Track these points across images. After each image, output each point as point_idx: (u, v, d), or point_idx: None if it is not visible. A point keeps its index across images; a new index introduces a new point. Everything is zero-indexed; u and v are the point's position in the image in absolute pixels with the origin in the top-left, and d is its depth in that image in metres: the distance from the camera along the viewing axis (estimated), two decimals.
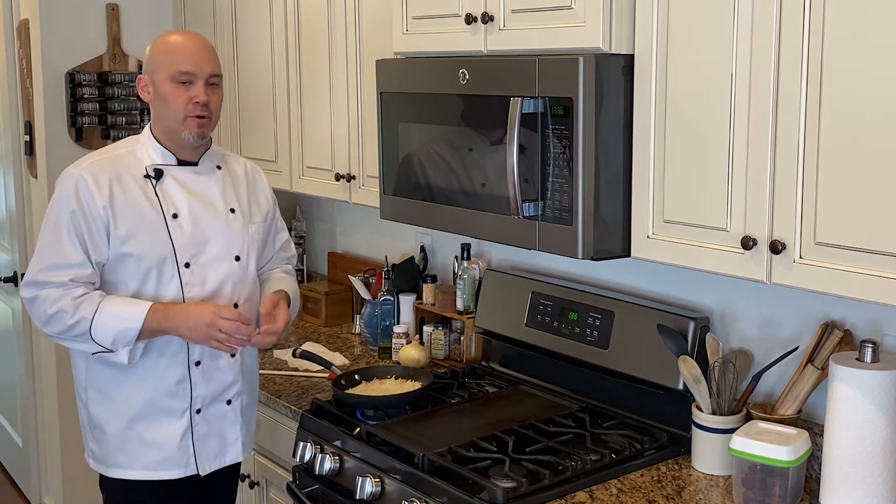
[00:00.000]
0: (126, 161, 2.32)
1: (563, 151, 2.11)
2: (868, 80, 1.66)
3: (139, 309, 2.22)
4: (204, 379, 2.36)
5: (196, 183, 2.36)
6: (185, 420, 2.36)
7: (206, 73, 2.29)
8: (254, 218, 2.46)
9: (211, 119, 2.32)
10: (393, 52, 2.65)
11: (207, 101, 2.29)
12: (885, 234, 1.66)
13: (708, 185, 1.95)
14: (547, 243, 2.19)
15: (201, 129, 2.31)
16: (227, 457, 2.45)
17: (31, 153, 3.98)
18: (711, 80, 1.91)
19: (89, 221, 2.23)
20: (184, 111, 2.28)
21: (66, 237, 2.24)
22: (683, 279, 2.45)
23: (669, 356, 2.30)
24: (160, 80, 2.29)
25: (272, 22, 3.27)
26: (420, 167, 2.55)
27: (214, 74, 2.31)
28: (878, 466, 1.88)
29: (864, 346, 1.92)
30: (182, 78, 2.27)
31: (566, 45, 2.13)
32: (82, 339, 2.25)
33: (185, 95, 2.27)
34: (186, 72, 2.27)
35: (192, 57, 2.28)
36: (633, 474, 2.21)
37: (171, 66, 2.27)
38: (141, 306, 2.23)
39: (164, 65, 2.28)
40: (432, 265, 3.26)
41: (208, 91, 2.29)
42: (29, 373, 4.28)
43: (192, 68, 2.27)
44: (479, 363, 2.95)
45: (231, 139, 3.59)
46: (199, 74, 2.28)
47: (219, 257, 2.34)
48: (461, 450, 2.24)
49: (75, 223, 2.23)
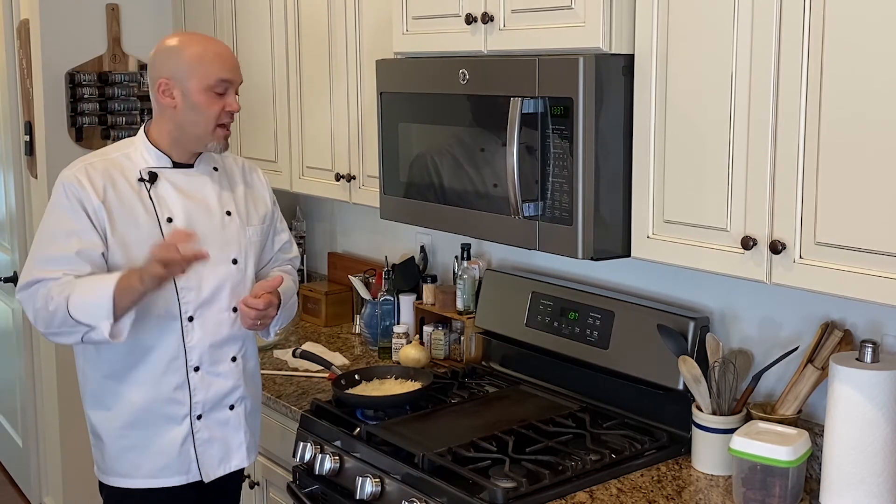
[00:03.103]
0: (120, 164, 2.29)
1: (563, 151, 2.11)
2: (868, 80, 1.66)
3: (111, 276, 2.16)
4: (203, 384, 2.34)
5: (191, 185, 2.34)
6: (186, 426, 2.34)
7: (239, 81, 2.30)
8: (251, 220, 2.43)
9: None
10: (393, 52, 2.65)
11: (239, 109, 2.30)
12: (885, 234, 1.66)
13: (708, 185, 1.95)
14: (547, 243, 2.19)
15: (226, 140, 2.33)
16: (232, 462, 2.43)
17: (31, 153, 3.98)
18: (711, 80, 1.91)
19: (89, 219, 2.21)
20: (216, 121, 2.26)
21: (63, 235, 2.22)
22: (683, 279, 2.45)
23: (669, 356, 2.30)
24: (194, 89, 2.24)
25: (272, 22, 3.27)
26: (420, 167, 2.55)
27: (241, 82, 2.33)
28: (878, 466, 1.89)
29: (864, 346, 1.92)
30: (221, 88, 2.25)
31: (566, 45, 2.13)
32: (67, 326, 2.18)
33: (220, 104, 2.26)
34: (227, 80, 2.26)
35: (229, 65, 2.27)
36: (633, 474, 2.21)
37: (211, 75, 2.24)
38: (114, 274, 2.17)
39: (200, 73, 2.23)
40: (432, 265, 3.26)
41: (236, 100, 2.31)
42: (29, 373, 4.28)
43: (231, 76, 2.27)
44: (479, 363, 2.95)
45: (231, 139, 3.58)
46: (235, 82, 2.29)
47: (215, 261, 2.30)
48: (461, 450, 2.24)
49: (73, 223, 2.21)
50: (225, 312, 2.35)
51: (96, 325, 2.15)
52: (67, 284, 2.17)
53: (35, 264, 2.24)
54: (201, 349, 2.32)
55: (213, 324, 2.33)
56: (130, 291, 2.15)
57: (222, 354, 2.36)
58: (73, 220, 2.21)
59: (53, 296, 2.17)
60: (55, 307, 2.17)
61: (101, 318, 2.14)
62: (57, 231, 2.23)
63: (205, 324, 2.32)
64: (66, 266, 2.20)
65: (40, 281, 2.21)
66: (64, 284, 2.18)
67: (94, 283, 2.17)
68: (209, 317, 2.32)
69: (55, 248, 2.22)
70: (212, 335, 2.33)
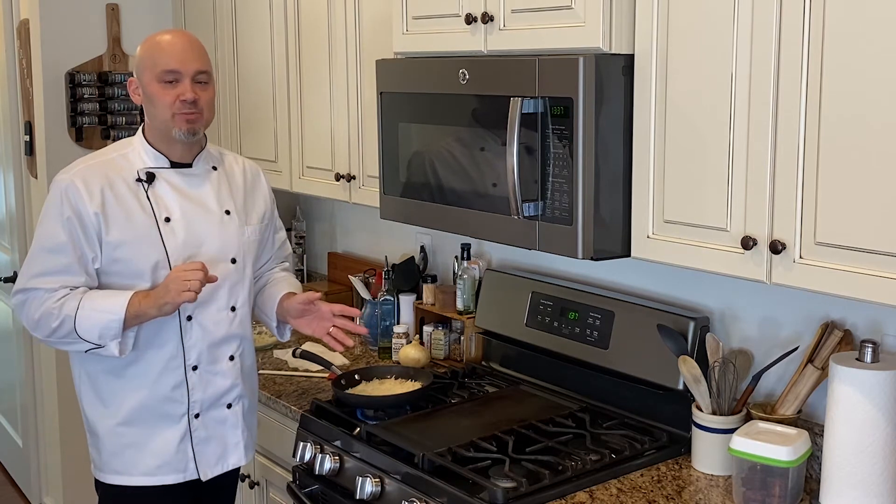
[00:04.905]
0: (117, 165, 2.29)
1: (563, 151, 2.11)
2: (868, 80, 1.66)
3: (120, 299, 2.19)
4: (201, 383, 2.34)
5: (190, 185, 2.34)
6: (183, 425, 2.34)
7: (193, 70, 2.26)
8: (250, 220, 2.43)
9: (202, 115, 2.29)
10: (393, 52, 2.65)
11: (195, 98, 2.25)
12: (885, 234, 1.66)
13: (708, 185, 1.95)
14: (547, 243, 2.19)
15: (191, 125, 2.27)
16: (229, 461, 2.43)
17: (31, 153, 3.98)
18: (711, 80, 1.91)
19: (82, 227, 2.21)
20: (171, 110, 2.25)
21: (58, 244, 2.22)
22: (683, 279, 2.45)
23: (669, 356, 2.30)
24: (147, 81, 2.27)
25: (272, 22, 3.27)
26: (420, 167, 2.55)
27: (201, 71, 2.28)
28: (878, 466, 1.88)
29: (864, 346, 1.92)
30: (167, 77, 2.24)
31: (566, 45, 2.13)
32: (71, 339, 2.22)
33: (172, 94, 2.25)
34: (171, 70, 2.24)
35: (176, 55, 2.25)
36: (633, 474, 2.21)
37: (156, 66, 2.25)
38: (122, 296, 2.20)
39: (150, 65, 2.26)
40: (432, 265, 3.26)
41: (196, 88, 2.26)
42: (29, 373, 4.28)
43: (176, 66, 2.24)
44: (479, 363, 2.95)
45: (231, 139, 3.59)
46: (185, 72, 2.25)
47: (214, 260, 2.31)
48: (461, 450, 2.24)
49: (68, 230, 2.21)
50: (223, 311, 2.35)
51: (105, 344, 2.21)
52: (70, 299, 2.20)
53: (28, 273, 2.26)
54: (199, 348, 2.32)
55: (211, 323, 2.33)
56: (143, 316, 2.21)
57: (220, 353, 2.36)
58: (67, 230, 2.22)
59: (53, 311, 2.20)
60: (59, 322, 2.20)
61: (110, 339, 2.21)
62: (51, 241, 2.24)
63: (203, 323, 2.32)
64: (59, 276, 2.22)
65: (33, 290, 2.24)
66: (65, 300, 2.20)
67: (102, 303, 2.20)
68: (207, 316, 2.32)
69: (50, 259, 2.23)
70: (210, 334, 2.33)
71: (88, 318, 2.18)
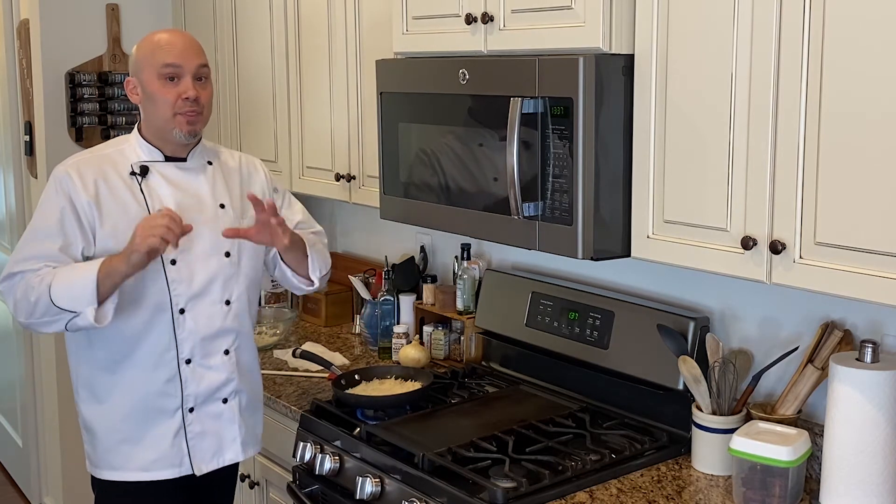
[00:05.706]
0: (113, 159, 2.30)
1: (563, 151, 2.11)
2: (868, 80, 1.66)
3: (93, 264, 2.17)
4: (195, 377, 2.33)
5: (184, 179, 2.34)
6: (178, 419, 2.33)
7: (194, 65, 2.26)
8: (246, 213, 2.39)
9: (202, 114, 2.28)
10: (393, 52, 2.65)
11: (197, 95, 2.25)
12: (885, 234, 1.66)
13: (708, 186, 1.95)
14: (547, 243, 2.19)
15: (192, 126, 2.27)
16: (225, 456, 2.42)
17: (31, 153, 3.98)
18: (711, 80, 1.91)
19: (75, 216, 2.22)
20: (173, 108, 2.25)
21: (48, 232, 2.22)
22: (683, 279, 2.45)
23: (669, 356, 2.30)
24: (147, 79, 2.26)
25: (272, 22, 3.27)
26: (420, 167, 2.55)
27: (202, 65, 2.27)
28: (878, 466, 1.89)
29: (864, 346, 1.92)
30: (168, 72, 2.24)
31: (566, 45, 2.13)
32: (50, 315, 2.18)
33: (174, 92, 2.24)
34: (172, 63, 2.23)
35: (176, 50, 2.25)
36: (633, 474, 2.21)
37: (157, 62, 2.24)
38: (95, 262, 2.17)
39: (150, 62, 2.25)
40: (432, 265, 3.26)
41: (197, 86, 2.26)
42: (29, 373, 4.28)
43: (177, 60, 2.24)
44: (479, 363, 2.95)
45: (231, 139, 3.59)
46: (186, 67, 2.25)
47: (207, 253, 2.31)
48: (461, 450, 2.24)
49: (60, 218, 2.22)
50: (217, 305, 2.34)
51: (80, 310, 2.16)
52: (48, 274, 2.19)
53: (18, 258, 2.26)
54: (193, 342, 2.31)
55: (204, 316, 2.32)
56: (114, 274, 2.15)
57: (214, 347, 2.35)
58: (59, 218, 2.23)
59: (34, 286, 2.18)
60: (37, 297, 2.18)
61: (85, 304, 2.15)
62: (42, 228, 2.25)
63: (196, 316, 2.31)
64: (47, 261, 2.21)
65: (20, 273, 2.23)
66: (44, 274, 2.19)
67: (75, 270, 2.18)
68: (201, 309, 2.32)
69: (38, 245, 2.24)
70: (204, 328, 2.32)
71: (62, 284, 2.15)
